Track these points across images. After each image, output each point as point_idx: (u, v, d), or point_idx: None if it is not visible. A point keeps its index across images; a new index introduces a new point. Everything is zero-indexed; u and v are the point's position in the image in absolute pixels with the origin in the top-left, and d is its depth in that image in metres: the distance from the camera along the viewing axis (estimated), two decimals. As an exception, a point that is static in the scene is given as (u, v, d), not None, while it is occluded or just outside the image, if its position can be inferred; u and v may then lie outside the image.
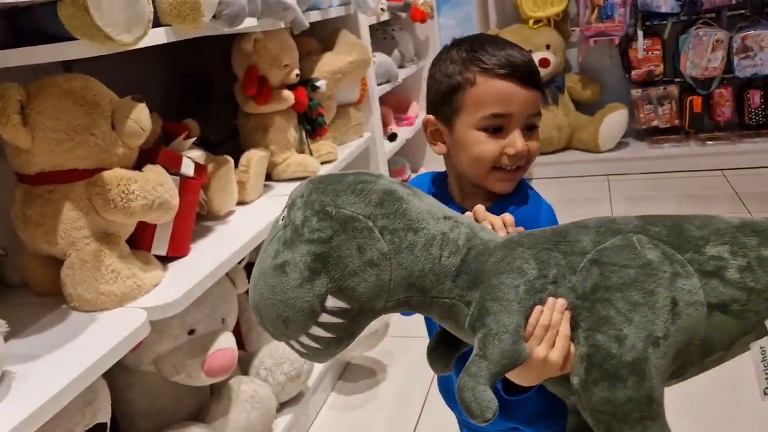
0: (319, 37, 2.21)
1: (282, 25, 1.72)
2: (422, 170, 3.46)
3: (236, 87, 1.86)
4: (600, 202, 3.14)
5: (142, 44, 1.18)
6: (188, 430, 1.41)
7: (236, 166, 1.72)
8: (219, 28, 1.38)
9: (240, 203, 1.73)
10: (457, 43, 0.87)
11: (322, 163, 1.99)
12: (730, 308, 0.71)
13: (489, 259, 0.71)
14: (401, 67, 3.08)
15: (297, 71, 1.89)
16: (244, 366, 1.68)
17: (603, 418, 0.69)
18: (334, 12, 2.14)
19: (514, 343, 0.68)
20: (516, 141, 0.82)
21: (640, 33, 3.35)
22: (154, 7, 1.24)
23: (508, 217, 0.77)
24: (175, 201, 1.29)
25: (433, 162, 3.56)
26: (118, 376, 1.43)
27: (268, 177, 1.90)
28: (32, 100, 1.14)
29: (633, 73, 3.44)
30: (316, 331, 0.69)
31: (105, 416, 1.18)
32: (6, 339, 1.02)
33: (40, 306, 1.25)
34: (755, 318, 0.72)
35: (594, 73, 3.67)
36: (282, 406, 1.72)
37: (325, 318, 0.68)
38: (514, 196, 0.88)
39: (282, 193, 1.83)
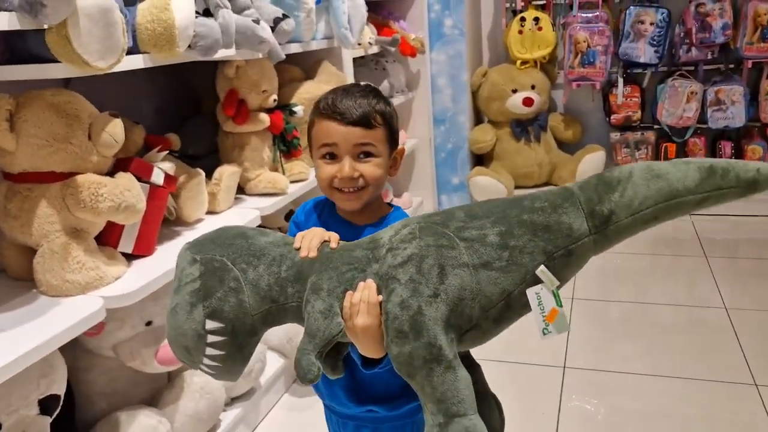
0: (304, 66, 2.40)
1: (260, 55, 1.90)
2: (405, 195, 3.63)
3: (218, 107, 2.04)
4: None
5: (122, 68, 1.36)
6: (138, 413, 1.57)
7: (212, 178, 1.90)
8: (194, 57, 1.56)
9: (210, 212, 1.90)
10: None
11: (293, 181, 2.17)
12: (493, 265, 0.85)
13: (313, 265, 0.91)
14: (390, 96, 3.26)
15: (275, 97, 2.07)
16: (199, 360, 1.83)
17: (402, 369, 0.86)
18: (317, 45, 2.33)
19: (324, 320, 0.88)
20: (343, 166, 0.99)
21: (620, 80, 3.52)
22: (134, 36, 1.43)
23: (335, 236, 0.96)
24: (141, 205, 1.47)
25: (417, 188, 3.74)
26: (80, 358, 1.59)
27: (242, 191, 2.07)
28: (20, 109, 1.32)
29: (612, 117, 3.61)
30: (210, 351, 0.90)
31: (59, 389, 1.35)
32: (-23, 313, 1.19)
33: (13, 288, 1.42)
34: (523, 269, 0.86)
35: (577, 115, 3.84)
36: (233, 401, 1.88)
37: (210, 339, 0.89)
38: (389, 217, 1.05)
39: (252, 206, 2.01)
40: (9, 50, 1.35)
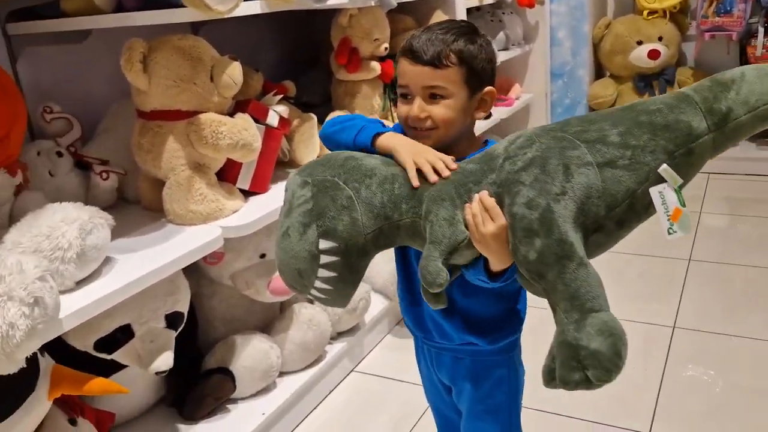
0: (416, 16, 2.40)
1: (372, 3, 1.94)
2: (518, 151, 3.57)
3: (331, 56, 2.11)
4: (691, 201, 3.10)
5: (240, 13, 1.45)
6: (252, 338, 1.70)
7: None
8: (307, 3, 1.63)
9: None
10: None
11: (402, 129, 2.21)
12: (617, 163, 0.87)
13: (426, 181, 0.92)
14: (505, 49, 3.20)
15: (386, 45, 2.11)
16: (308, 295, 1.95)
17: (532, 268, 0.84)
18: (430, -7, 2.33)
19: (450, 226, 0.89)
20: (413, 106, 0.98)
21: (761, 30, 3.24)
22: (253, -18, 1.51)
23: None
24: (257, 144, 1.57)
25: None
26: (204, 286, 1.75)
27: (352, 138, 2.14)
28: (152, 52, 1.45)
29: (749, 70, 3.33)
30: (322, 273, 0.90)
31: (183, 307, 1.49)
32: (113, 236, 1.33)
33: (145, 217, 1.58)
34: (646, 168, 0.87)
35: (709, 69, 3.56)
36: (339, 336, 1.99)
37: (324, 259, 0.89)
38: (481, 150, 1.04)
39: (361, 152, 2.07)
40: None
